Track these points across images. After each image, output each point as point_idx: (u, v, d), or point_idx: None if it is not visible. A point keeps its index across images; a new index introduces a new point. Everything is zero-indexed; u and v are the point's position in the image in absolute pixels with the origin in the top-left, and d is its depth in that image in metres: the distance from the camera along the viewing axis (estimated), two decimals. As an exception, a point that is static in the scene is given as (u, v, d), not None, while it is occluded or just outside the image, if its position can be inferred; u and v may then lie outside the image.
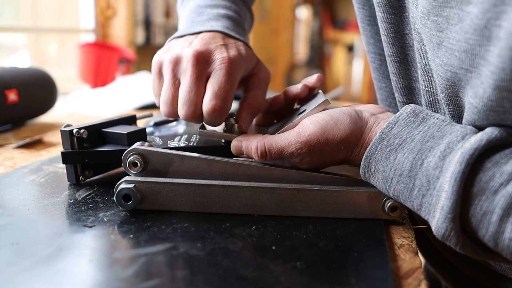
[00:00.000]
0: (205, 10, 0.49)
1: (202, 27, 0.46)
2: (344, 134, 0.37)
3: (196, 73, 0.41)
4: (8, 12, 1.88)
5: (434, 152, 0.32)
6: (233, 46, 0.44)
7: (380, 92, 0.50)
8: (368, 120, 0.38)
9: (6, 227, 0.34)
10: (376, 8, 0.42)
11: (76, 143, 0.43)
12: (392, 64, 0.43)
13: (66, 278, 0.28)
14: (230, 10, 0.50)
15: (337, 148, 0.38)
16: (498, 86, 0.29)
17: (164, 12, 2.30)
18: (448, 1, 0.32)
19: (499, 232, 0.29)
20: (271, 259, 0.31)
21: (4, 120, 0.68)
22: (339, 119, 0.38)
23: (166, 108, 0.43)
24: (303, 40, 4.71)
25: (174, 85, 0.42)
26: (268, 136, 0.40)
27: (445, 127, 0.33)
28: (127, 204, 0.38)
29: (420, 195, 0.33)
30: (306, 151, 0.38)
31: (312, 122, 0.38)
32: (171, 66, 0.42)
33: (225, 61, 0.41)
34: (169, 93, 0.42)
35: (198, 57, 0.41)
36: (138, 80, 1.12)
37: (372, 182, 0.37)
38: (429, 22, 0.34)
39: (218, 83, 0.41)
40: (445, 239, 0.31)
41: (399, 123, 0.35)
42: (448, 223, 0.30)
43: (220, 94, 0.40)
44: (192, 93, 0.41)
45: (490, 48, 0.29)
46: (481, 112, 0.31)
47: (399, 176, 0.34)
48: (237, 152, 0.41)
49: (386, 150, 0.35)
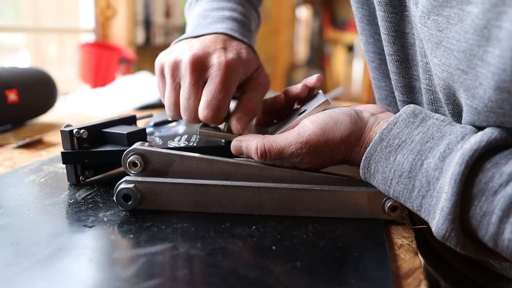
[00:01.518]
0: (211, 13, 0.49)
1: (205, 30, 0.46)
2: (344, 134, 0.37)
3: (193, 80, 0.41)
4: (8, 12, 1.88)
5: (434, 153, 0.32)
6: (233, 49, 0.44)
7: (379, 91, 0.50)
8: (368, 120, 0.38)
9: (6, 227, 0.34)
10: (377, 7, 0.42)
11: (76, 143, 0.43)
12: (392, 63, 0.43)
13: (66, 278, 0.28)
14: (236, 12, 0.50)
15: (337, 148, 0.38)
16: (499, 87, 0.29)
17: (164, 12, 2.30)
18: (449, 1, 0.32)
19: (499, 233, 0.29)
20: (271, 259, 0.31)
21: (4, 120, 0.68)
22: (339, 119, 0.38)
23: (171, 112, 0.45)
24: (303, 40, 4.70)
25: (175, 90, 0.43)
26: (268, 136, 0.40)
27: (445, 128, 0.33)
28: (127, 204, 0.38)
29: (420, 196, 0.32)
30: (306, 151, 0.38)
31: (312, 122, 0.38)
32: (170, 71, 0.43)
33: (222, 67, 0.41)
34: (171, 99, 0.44)
35: (195, 63, 0.41)
36: (138, 80, 1.12)
37: (372, 182, 0.37)
38: (430, 21, 0.34)
39: (211, 92, 0.41)
40: (445, 240, 0.31)
41: (399, 124, 0.35)
42: (448, 224, 0.30)
43: (213, 104, 0.41)
44: (191, 100, 0.42)
45: (488, 49, 0.29)
46: (480, 113, 0.31)
47: (398, 177, 0.34)
48: (237, 152, 0.41)
49: (385, 151, 0.35)
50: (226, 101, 0.42)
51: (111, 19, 2.03)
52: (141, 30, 2.16)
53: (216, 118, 0.41)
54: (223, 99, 0.41)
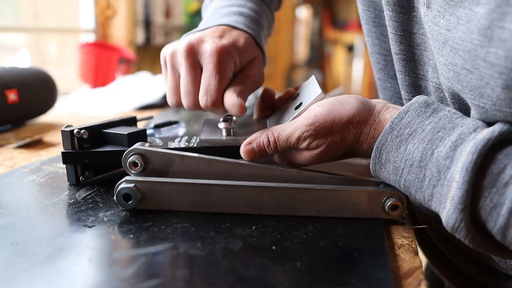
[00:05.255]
0: (220, 10, 0.50)
1: (211, 24, 0.47)
2: (352, 113, 0.37)
3: (188, 65, 0.42)
4: (8, 12, 1.88)
5: (445, 143, 0.32)
6: (230, 36, 0.44)
7: (384, 92, 0.50)
8: (376, 105, 0.39)
9: (6, 227, 0.34)
10: (385, 7, 0.42)
11: (76, 143, 0.43)
12: (399, 62, 0.43)
13: (66, 278, 0.28)
14: (245, 7, 0.51)
15: (345, 128, 0.37)
16: (508, 85, 0.29)
17: (164, 12, 2.30)
18: (463, 1, 0.32)
19: (508, 225, 0.28)
20: (271, 259, 0.31)
21: (4, 120, 0.68)
22: (345, 100, 0.39)
23: (170, 98, 0.46)
24: (303, 40, 4.70)
25: (174, 76, 0.45)
26: (273, 127, 0.40)
27: (456, 120, 0.33)
28: (127, 204, 0.38)
29: (431, 185, 0.32)
30: (313, 133, 0.38)
31: (318, 105, 0.39)
32: (170, 60, 0.44)
33: (213, 52, 0.42)
34: (171, 85, 0.45)
35: (188, 49, 0.42)
36: (138, 80, 1.12)
37: (382, 174, 0.37)
38: (443, 20, 0.34)
39: (207, 78, 0.42)
40: (454, 231, 0.31)
41: (410, 113, 0.35)
42: (458, 213, 0.30)
43: (210, 89, 0.42)
44: (190, 85, 0.43)
45: (491, 50, 0.29)
46: (488, 112, 0.31)
47: (409, 167, 0.34)
48: (251, 155, 0.41)
49: (396, 140, 0.35)
50: (221, 85, 0.42)
51: (111, 19, 2.03)
52: (141, 30, 2.16)
53: (214, 104, 0.42)
54: (218, 84, 0.42)
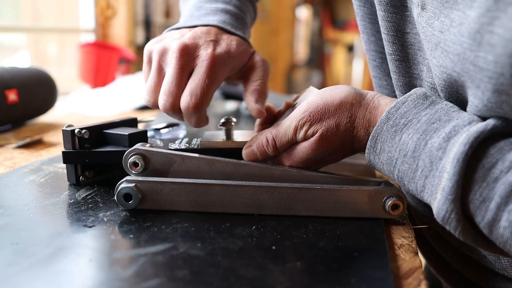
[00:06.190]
0: (204, 5, 0.50)
1: (198, 21, 0.47)
2: (343, 95, 0.39)
3: (179, 66, 0.41)
4: (8, 12, 1.87)
5: (439, 134, 0.32)
6: (223, 42, 0.44)
7: (380, 90, 0.50)
8: (368, 92, 0.40)
9: (6, 227, 0.34)
10: (377, 6, 0.42)
11: (77, 143, 0.43)
12: (392, 62, 0.43)
13: (66, 278, 0.28)
14: (230, 4, 0.50)
15: (339, 110, 0.38)
16: (498, 89, 0.29)
17: (164, 12, 2.29)
18: (457, 3, 0.32)
19: (495, 219, 0.28)
20: (271, 259, 0.31)
21: (4, 120, 0.68)
22: (337, 86, 0.40)
23: (147, 95, 0.44)
24: (303, 40, 4.70)
25: (158, 75, 0.43)
26: (271, 127, 0.41)
27: (453, 113, 0.34)
28: (127, 204, 0.38)
29: (423, 176, 0.32)
30: (307, 119, 0.38)
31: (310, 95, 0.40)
32: (157, 56, 0.43)
33: (208, 58, 0.42)
34: (153, 82, 0.43)
35: (182, 50, 0.42)
36: (138, 80, 1.12)
37: (377, 164, 0.37)
38: (437, 22, 0.34)
39: (196, 80, 0.41)
40: (445, 223, 0.31)
41: (407, 103, 0.35)
42: (448, 204, 0.30)
43: (197, 92, 0.41)
44: (173, 84, 0.41)
45: (480, 54, 0.29)
46: (482, 111, 0.32)
47: (403, 157, 0.34)
48: (252, 157, 0.42)
49: (391, 130, 0.35)
50: (209, 91, 0.42)
51: (111, 19, 2.03)
52: (141, 30, 2.16)
53: (196, 107, 0.41)
54: (207, 89, 0.41)
